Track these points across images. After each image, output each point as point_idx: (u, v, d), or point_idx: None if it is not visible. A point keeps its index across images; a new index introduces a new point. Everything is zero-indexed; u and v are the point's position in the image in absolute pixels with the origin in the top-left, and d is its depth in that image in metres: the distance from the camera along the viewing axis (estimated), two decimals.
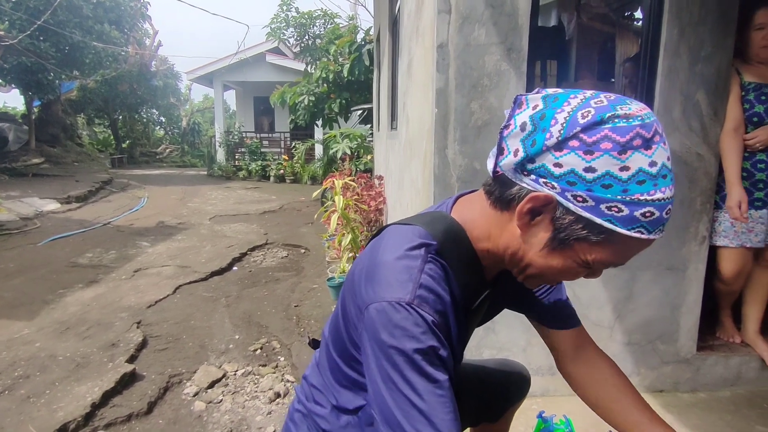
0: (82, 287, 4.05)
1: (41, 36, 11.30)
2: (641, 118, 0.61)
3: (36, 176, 10.81)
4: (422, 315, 0.70)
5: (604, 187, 0.61)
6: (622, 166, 0.60)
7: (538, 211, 0.67)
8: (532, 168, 0.66)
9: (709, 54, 2.06)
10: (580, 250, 0.68)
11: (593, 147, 0.60)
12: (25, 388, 2.41)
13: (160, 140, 24.04)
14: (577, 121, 0.62)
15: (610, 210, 0.61)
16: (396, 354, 0.69)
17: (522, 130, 0.67)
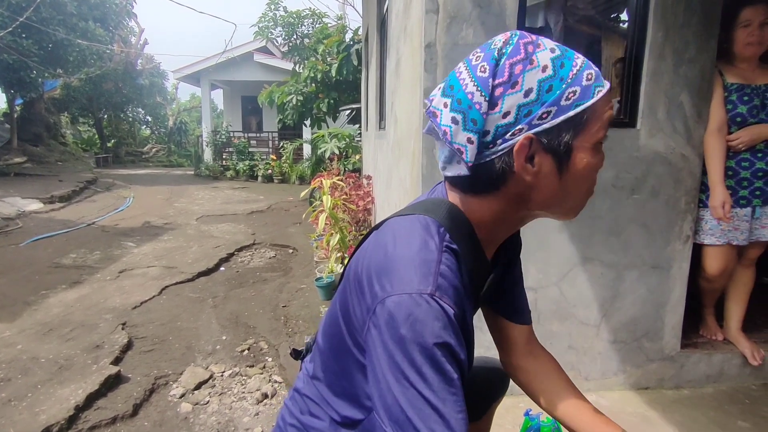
0: (65, 288, 3.98)
1: (23, 33, 11.11)
2: (514, 36, 0.70)
3: (18, 176, 10.63)
4: (443, 307, 0.67)
5: (548, 92, 0.67)
6: (541, 68, 0.67)
7: (531, 156, 0.70)
8: (492, 137, 0.70)
9: (693, 56, 2.09)
10: (580, 146, 0.71)
11: (512, 78, 0.67)
12: (6, 391, 2.36)
13: (146, 140, 23.77)
14: (484, 79, 0.68)
15: (569, 99, 0.68)
16: (415, 349, 0.65)
17: (456, 123, 0.70)
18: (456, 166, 0.75)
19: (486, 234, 0.81)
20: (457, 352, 0.68)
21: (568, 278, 2.19)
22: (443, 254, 0.72)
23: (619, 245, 2.19)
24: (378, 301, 0.70)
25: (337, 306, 0.84)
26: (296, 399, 0.96)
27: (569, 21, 3.41)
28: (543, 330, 2.21)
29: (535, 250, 2.15)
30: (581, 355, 2.26)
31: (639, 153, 2.15)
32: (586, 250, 2.18)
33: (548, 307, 2.20)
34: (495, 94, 0.68)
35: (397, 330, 0.67)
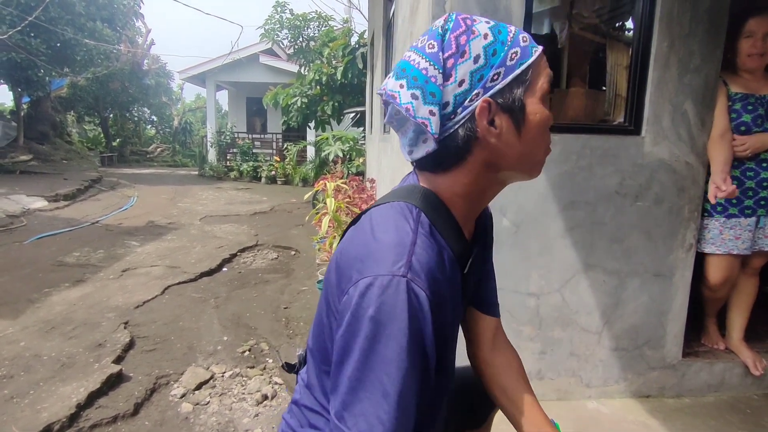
0: (68, 286, 4.00)
1: (32, 32, 11.19)
2: (452, 15, 0.77)
3: (24, 173, 10.69)
4: (414, 290, 0.68)
5: (494, 56, 0.74)
6: (483, 36, 0.74)
7: (492, 119, 0.75)
8: (452, 107, 0.74)
9: (698, 65, 2.10)
10: (531, 102, 0.76)
11: (459, 49, 0.73)
12: (8, 388, 2.37)
13: (151, 139, 23.86)
14: (434, 54, 0.74)
15: (513, 59, 0.74)
16: (381, 331, 0.67)
17: (416, 99, 0.74)
18: (422, 146, 0.78)
19: (461, 211, 0.82)
20: (424, 339, 0.69)
21: (570, 285, 2.20)
22: (419, 236, 0.74)
23: (621, 252, 2.20)
24: (352, 284, 0.71)
25: (322, 303, 0.84)
26: (294, 412, 0.96)
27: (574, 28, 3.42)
28: (545, 336, 2.21)
29: (538, 256, 2.15)
30: (583, 362, 2.26)
31: (643, 160, 2.15)
32: (589, 256, 2.18)
33: (550, 313, 2.20)
34: (447, 66, 0.73)
35: (366, 310, 0.68)
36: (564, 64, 3.37)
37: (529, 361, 2.22)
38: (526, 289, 2.17)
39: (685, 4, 2.05)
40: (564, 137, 2.10)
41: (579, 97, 2.89)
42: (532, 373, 2.23)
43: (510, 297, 2.16)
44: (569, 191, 2.13)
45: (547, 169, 2.09)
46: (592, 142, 2.12)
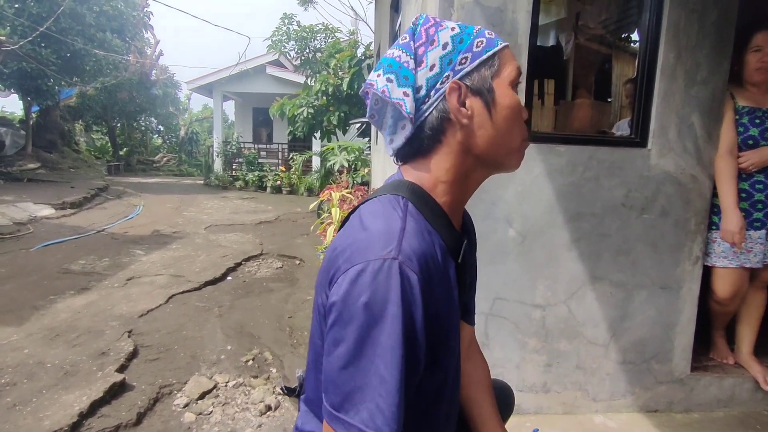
0: (73, 294, 4.01)
1: (43, 42, 11.34)
2: (422, 15, 0.84)
3: (31, 181, 10.76)
4: (407, 274, 0.68)
5: (461, 43, 0.79)
6: (450, 28, 0.80)
7: (463, 102, 0.79)
8: (425, 91, 0.79)
9: (705, 78, 2.10)
10: (499, 84, 0.80)
11: (429, 38, 0.80)
12: (11, 396, 2.37)
13: (158, 149, 24.04)
14: (406, 43, 0.81)
15: (479, 46, 0.80)
16: (376, 318, 0.66)
17: (391, 82, 0.79)
18: (401, 132, 0.82)
19: (446, 199, 0.83)
20: (415, 324, 0.68)
21: (576, 297, 2.18)
22: (407, 222, 0.75)
23: (628, 265, 2.18)
24: (341, 272, 0.70)
25: (316, 306, 0.83)
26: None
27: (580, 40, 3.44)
28: (551, 348, 2.19)
29: (544, 267, 2.14)
30: (589, 376, 2.23)
31: (649, 173, 2.14)
32: (595, 268, 2.17)
33: (556, 325, 2.18)
34: (419, 53, 0.80)
35: (358, 298, 0.67)
36: (570, 76, 3.38)
37: (534, 373, 2.19)
38: (531, 301, 2.16)
39: (692, 16, 2.06)
40: (570, 148, 2.10)
41: (585, 109, 2.89)
42: (538, 386, 2.20)
43: (515, 308, 2.15)
44: (575, 202, 2.13)
45: (553, 179, 2.09)
46: (599, 153, 2.12)
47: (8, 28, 10.62)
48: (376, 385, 0.66)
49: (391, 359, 0.66)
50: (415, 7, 2.70)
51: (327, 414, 0.70)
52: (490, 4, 1.96)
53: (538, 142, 2.08)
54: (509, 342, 2.16)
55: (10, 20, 10.65)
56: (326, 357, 0.71)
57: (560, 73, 3.30)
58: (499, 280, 2.12)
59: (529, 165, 2.07)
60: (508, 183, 2.07)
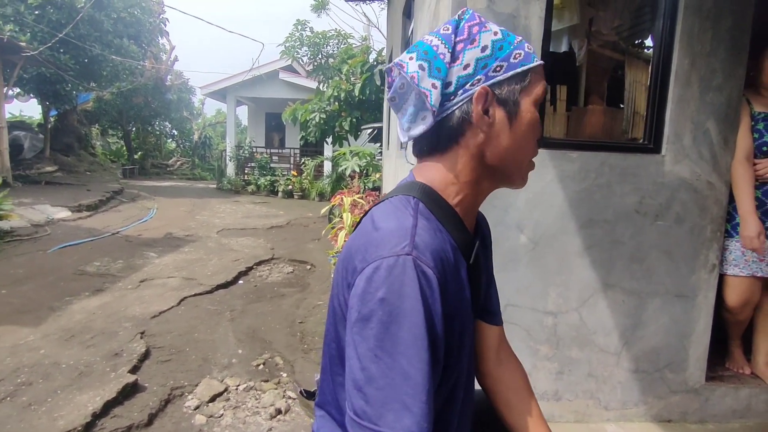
0: (88, 295, 4.06)
1: (62, 48, 11.57)
2: (468, 11, 0.82)
3: (49, 184, 10.95)
4: (421, 267, 0.68)
5: (500, 50, 0.79)
6: (493, 32, 0.80)
7: (487, 109, 0.79)
8: (454, 88, 0.78)
9: (720, 84, 2.08)
10: (526, 101, 0.81)
11: (471, 37, 0.78)
12: (27, 395, 2.41)
13: (172, 153, 24.33)
14: (447, 35, 0.79)
15: (516, 58, 0.79)
16: (394, 312, 0.65)
17: (423, 70, 0.78)
18: (420, 123, 0.81)
19: (457, 200, 0.83)
20: (434, 318, 0.68)
21: (588, 304, 2.16)
22: (419, 219, 0.75)
23: (641, 272, 2.16)
24: (357, 273, 0.71)
25: (331, 309, 0.84)
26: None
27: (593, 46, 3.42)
28: (562, 356, 2.17)
29: (555, 274, 2.13)
30: (601, 384, 2.21)
31: (664, 179, 2.12)
32: (608, 276, 2.15)
33: (568, 332, 2.17)
34: (457, 49, 0.78)
35: (375, 294, 0.67)
36: (582, 82, 3.37)
37: (545, 381, 2.18)
38: (543, 308, 2.14)
39: (706, 23, 2.05)
40: (582, 155, 2.09)
41: (597, 115, 2.87)
42: (549, 394, 2.18)
43: (527, 315, 2.13)
44: (588, 209, 2.11)
45: (565, 186, 2.08)
46: (611, 160, 2.11)
47: (28, 34, 10.85)
48: (399, 383, 0.63)
49: (414, 354, 0.64)
50: (428, 13, 2.71)
51: (350, 423, 0.67)
52: (503, 9, 1.96)
53: (550, 148, 2.08)
54: (521, 349, 2.15)
55: (30, 26, 10.89)
56: (348, 361, 0.70)
57: (573, 79, 3.29)
58: (511, 286, 2.11)
59: (541, 171, 2.06)
60: (519, 189, 2.06)
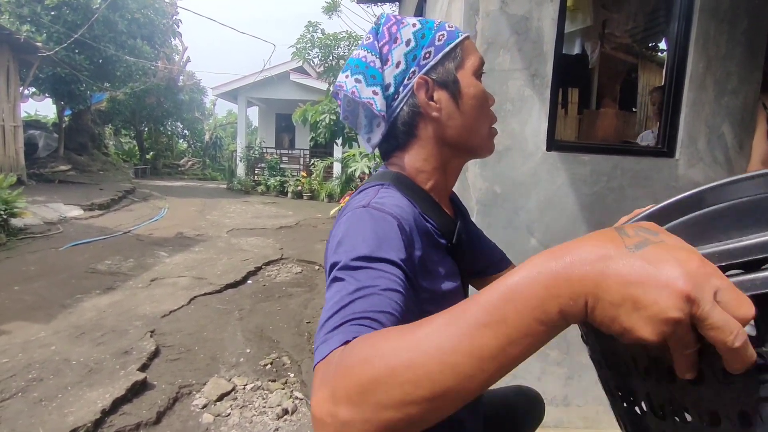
0: (99, 293, 4.10)
1: (77, 49, 11.73)
2: (382, 15, 0.86)
3: (62, 183, 11.10)
4: (380, 213, 0.69)
5: (423, 38, 0.82)
6: (411, 25, 0.83)
7: (430, 95, 0.81)
8: (394, 88, 0.81)
9: (736, 87, 2.05)
10: (463, 75, 0.82)
11: (392, 36, 0.82)
12: (38, 391, 2.43)
13: (183, 153, 24.53)
14: (371, 43, 0.83)
15: (440, 40, 0.82)
16: (350, 242, 0.63)
17: (360, 82, 0.81)
18: (377, 130, 0.86)
19: (430, 185, 0.85)
20: (397, 255, 0.63)
21: None
22: (382, 190, 0.78)
23: None
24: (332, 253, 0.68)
25: None
26: None
27: (606, 48, 3.39)
28: (572, 361, 2.15)
29: None
30: None
31: (677, 183, 2.09)
32: None
33: (578, 337, 2.13)
34: (383, 52, 0.82)
35: (335, 238, 0.69)
36: (594, 85, 3.34)
37: (555, 386, 2.16)
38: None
39: (722, 26, 2.02)
40: (594, 158, 2.07)
41: (610, 118, 2.85)
42: (558, 399, 2.16)
43: None
44: (599, 213, 2.09)
45: (576, 189, 2.06)
46: (624, 163, 2.08)
47: (45, 34, 11.02)
48: (359, 297, 0.56)
49: (367, 281, 0.58)
50: (439, 16, 2.71)
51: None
52: (515, 12, 1.95)
53: (561, 151, 2.06)
54: None
55: (46, 27, 11.06)
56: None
57: (585, 82, 3.26)
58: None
59: (552, 174, 2.05)
60: (530, 191, 2.05)
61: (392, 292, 0.58)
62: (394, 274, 0.61)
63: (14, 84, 10.08)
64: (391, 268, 0.62)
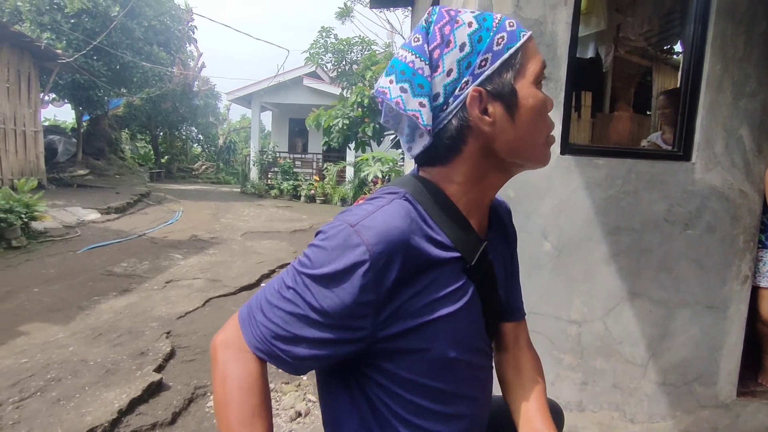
0: (115, 295, 4.17)
1: (95, 55, 11.96)
2: (435, 8, 0.76)
3: (80, 187, 11.29)
4: (360, 244, 0.67)
5: (479, 42, 0.72)
6: (467, 24, 0.73)
7: (483, 108, 0.73)
8: (443, 98, 0.74)
9: (754, 89, 2.02)
10: (522, 85, 0.74)
11: (444, 39, 0.73)
12: (56, 391, 2.48)
13: (197, 157, 24.78)
14: (419, 46, 0.74)
15: (499, 44, 0.73)
16: (308, 271, 0.72)
17: (405, 92, 0.73)
18: (419, 141, 0.78)
19: (461, 198, 0.79)
20: (345, 301, 0.68)
21: (613, 313, 2.12)
22: (392, 203, 0.73)
23: (670, 282, 2.10)
24: None
25: None
26: None
27: (620, 52, 3.37)
28: (586, 366, 2.13)
29: (580, 282, 2.09)
30: (627, 396, 2.15)
31: (694, 187, 2.07)
32: (634, 284, 2.10)
33: (592, 342, 2.13)
34: (434, 57, 0.73)
35: (315, 238, 0.76)
36: (608, 88, 3.32)
37: (569, 391, 2.14)
38: (567, 316, 2.11)
39: (740, 27, 2.00)
40: (609, 161, 2.06)
41: (624, 121, 2.83)
42: (573, 404, 2.14)
43: (551, 323, 2.10)
44: (614, 217, 2.07)
45: (591, 193, 2.05)
46: (638, 166, 2.07)
47: (64, 42, 11.26)
48: (286, 321, 0.72)
49: (284, 295, 0.74)
50: None
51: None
52: (529, 15, 1.96)
53: (575, 155, 2.05)
54: (544, 357, 2.10)
55: (66, 34, 11.30)
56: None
57: (598, 86, 3.24)
58: (534, 294, 2.08)
59: (566, 178, 2.04)
60: (544, 195, 2.04)
61: (307, 342, 0.72)
62: (326, 324, 0.71)
63: (35, 90, 10.31)
64: (325, 319, 0.70)
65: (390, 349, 0.74)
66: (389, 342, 0.73)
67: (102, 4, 11.61)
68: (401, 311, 0.72)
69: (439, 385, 0.78)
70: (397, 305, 0.71)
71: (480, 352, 0.86)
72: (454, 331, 0.77)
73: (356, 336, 0.71)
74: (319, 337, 0.70)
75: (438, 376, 0.78)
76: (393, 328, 0.72)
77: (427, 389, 0.77)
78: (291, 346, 0.72)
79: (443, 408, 0.80)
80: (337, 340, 0.71)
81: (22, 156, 9.69)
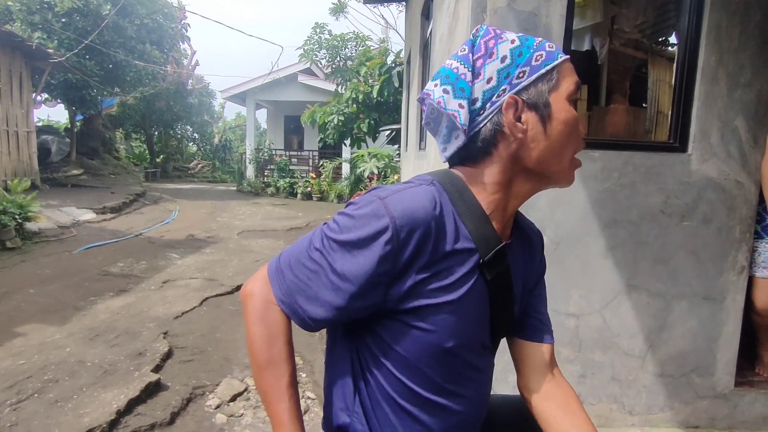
0: (112, 296, 4.15)
1: (87, 54, 11.87)
2: (483, 26, 0.83)
3: (75, 187, 11.23)
4: (388, 210, 0.74)
5: (520, 56, 0.79)
6: (510, 41, 0.80)
7: (518, 115, 0.79)
8: (481, 103, 0.79)
9: (749, 80, 2.02)
10: (556, 99, 0.80)
11: (488, 51, 0.79)
12: (53, 392, 2.47)
13: (193, 156, 24.69)
14: (465, 55, 0.81)
15: (538, 60, 0.79)
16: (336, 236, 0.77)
17: (447, 93, 0.80)
18: (454, 142, 0.83)
19: (487, 200, 0.83)
20: (377, 263, 0.74)
21: (611, 306, 2.12)
22: (423, 186, 0.80)
23: (667, 274, 2.11)
24: None
25: None
26: None
27: (615, 44, 3.36)
28: (584, 359, 2.14)
29: (578, 276, 2.09)
30: (625, 388, 2.16)
31: (690, 178, 2.07)
32: (632, 277, 2.10)
33: (590, 335, 2.13)
34: (476, 65, 0.80)
35: (347, 208, 0.80)
36: (604, 81, 3.31)
37: None
38: (565, 309, 2.11)
39: (734, 18, 1.99)
40: (605, 154, 2.06)
41: (620, 114, 2.82)
42: None
43: None
44: (611, 209, 2.07)
45: (587, 186, 2.05)
46: (635, 159, 2.07)
47: (56, 41, 11.17)
48: (312, 279, 0.79)
49: (312, 249, 0.80)
50: (447, 14, 2.70)
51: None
52: (523, 8, 1.95)
53: None
54: None
55: (57, 34, 11.21)
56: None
57: (594, 78, 3.23)
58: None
59: None
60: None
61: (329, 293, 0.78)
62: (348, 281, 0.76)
63: (27, 90, 10.23)
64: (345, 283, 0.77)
65: (393, 323, 0.80)
66: (395, 316, 0.80)
67: (93, 2, 11.53)
68: (412, 290, 0.77)
69: (431, 373, 0.83)
70: (410, 284, 0.77)
71: (480, 351, 0.88)
72: (457, 321, 0.80)
73: (366, 303, 0.78)
74: (333, 300, 0.77)
75: (432, 364, 0.82)
76: (401, 304, 0.78)
77: (420, 374, 0.82)
78: (309, 304, 0.79)
79: (432, 396, 0.84)
80: (347, 307, 0.77)
81: (15, 156, 9.62)
